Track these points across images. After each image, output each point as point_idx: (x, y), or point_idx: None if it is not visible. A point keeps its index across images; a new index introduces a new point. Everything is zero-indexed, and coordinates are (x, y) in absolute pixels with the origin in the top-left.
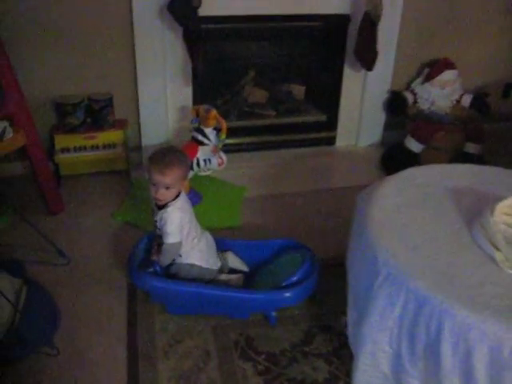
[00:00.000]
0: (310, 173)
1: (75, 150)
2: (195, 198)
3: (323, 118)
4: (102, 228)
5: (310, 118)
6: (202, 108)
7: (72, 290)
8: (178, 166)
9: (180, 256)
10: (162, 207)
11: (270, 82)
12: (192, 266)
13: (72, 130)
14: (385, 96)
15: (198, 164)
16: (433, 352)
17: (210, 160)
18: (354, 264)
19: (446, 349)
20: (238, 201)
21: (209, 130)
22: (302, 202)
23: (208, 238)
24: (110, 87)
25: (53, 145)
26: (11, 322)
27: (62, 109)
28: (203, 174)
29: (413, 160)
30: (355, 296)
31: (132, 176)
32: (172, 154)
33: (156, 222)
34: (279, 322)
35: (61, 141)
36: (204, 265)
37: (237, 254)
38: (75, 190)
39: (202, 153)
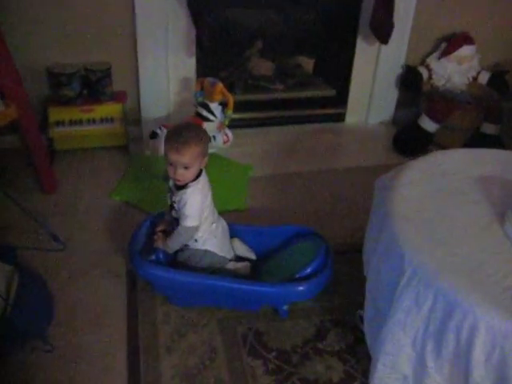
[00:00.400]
0: (318, 151)
1: (70, 123)
2: None
3: (332, 92)
4: (98, 209)
5: (318, 93)
6: (208, 81)
7: (68, 277)
8: (196, 143)
9: (196, 241)
10: (181, 187)
11: (277, 54)
12: (206, 252)
13: (67, 102)
14: (399, 71)
15: None
16: (462, 358)
17: (214, 137)
18: (373, 257)
19: (479, 356)
20: (244, 181)
21: (214, 105)
22: (310, 182)
23: (223, 224)
24: (108, 57)
25: (46, 118)
26: (2, 312)
27: (56, 79)
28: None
29: (427, 140)
30: (375, 292)
31: (131, 152)
32: (189, 131)
33: (174, 203)
34: (290, 315)
35: (55, 114)
36: (219, 252)
37: (243, 240)
38: (70, 167)
39: (206, 129)
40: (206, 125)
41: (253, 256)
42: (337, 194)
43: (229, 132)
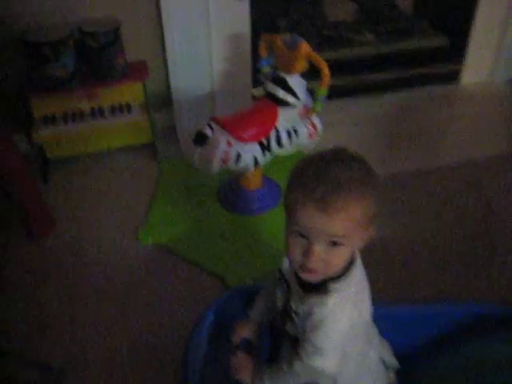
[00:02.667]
0: (429, 133)
1: (65, 118)
2: (271, 196)
3: (444, 42)
4: (120, 265)
5: (423, 44)
6: (280, 40)
7: None
8: (363, 194)
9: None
10: (313, 288)
11: None
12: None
13: (57, 86)
14: None
15: (279, 140)
16: None
17: (295, 131)
18: None
19: None
20: None
21: (295, 79)
22: (429, 189)
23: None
24: (115, 8)
25: (29, 113)
26: None
27: (36, 52)
28: (285, 152)
29: None
30: None
31: (159, 154)
32: (348, 168)
33: (292, 311)
34: None
35: (41, 106)
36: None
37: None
38: (69, 187)
39: (283, 120)
40: (282, 112)
41: (395, 363)
42: (471, 213)
43: (316, 121)
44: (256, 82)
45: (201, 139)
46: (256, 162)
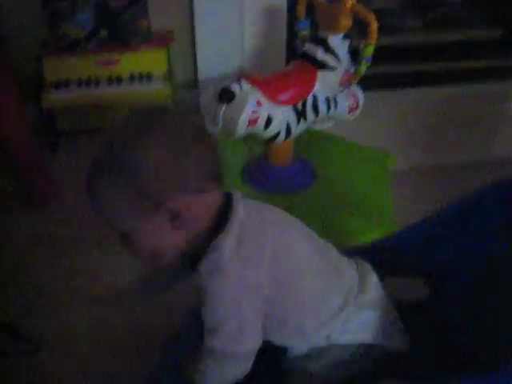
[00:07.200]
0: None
1: (79, 84)
2: (303, 175)
3: (496, 34)
4: None
5: (473, 34)
6: None
7: None
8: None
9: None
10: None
11: None
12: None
13: (72, 47)
14: None
15: (316, 107)
16: None
17: (335, 100)
18: None
19: None
20: (383, 181)
21: (337, 39)
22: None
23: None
24: None
25: (41, 76)
26: None
27: (52, 7)
28: (319, 126)
29: None
30: None
31: None
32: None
33: None
34: None
35: (54, 68)
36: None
37: None
38: (79, 163)
39: (322, 85)
40: (320, 77)
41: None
42: None
43: (359, 92)
44: (290, 61)
45: (228, 96)
46: (288, 131)
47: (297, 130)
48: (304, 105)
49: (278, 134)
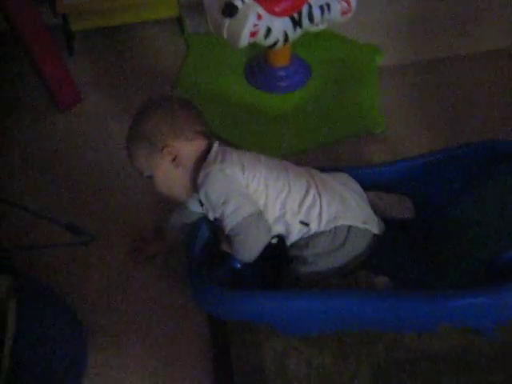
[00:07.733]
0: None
1: None
2: (299, 72)
3: None
4: None
5: None
6: None
7: (99, 293)
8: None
9: (306, 225)
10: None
11: None
12: (343, 230)
13: None
14: None
15: (311, 16)
16: None
17: (328, 5)
18: None
19: None
20: (372, 75)
21: None
22: (470, 76)
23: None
24: None
25: None
26: None
27: None
28: (314, 29)
29: None
30: None
31: (187, 28)
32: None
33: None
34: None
35: None
36: (360, 224)
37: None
38: (96, 63)
39: None
40: None
41: (410, 211)
42: None
43: None
44: None
45: (230, 10)
46: (286, 38)
47: (293, 36)
48: (300, 14)
49: (276, 42)
